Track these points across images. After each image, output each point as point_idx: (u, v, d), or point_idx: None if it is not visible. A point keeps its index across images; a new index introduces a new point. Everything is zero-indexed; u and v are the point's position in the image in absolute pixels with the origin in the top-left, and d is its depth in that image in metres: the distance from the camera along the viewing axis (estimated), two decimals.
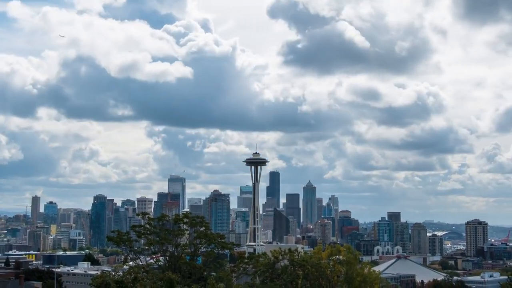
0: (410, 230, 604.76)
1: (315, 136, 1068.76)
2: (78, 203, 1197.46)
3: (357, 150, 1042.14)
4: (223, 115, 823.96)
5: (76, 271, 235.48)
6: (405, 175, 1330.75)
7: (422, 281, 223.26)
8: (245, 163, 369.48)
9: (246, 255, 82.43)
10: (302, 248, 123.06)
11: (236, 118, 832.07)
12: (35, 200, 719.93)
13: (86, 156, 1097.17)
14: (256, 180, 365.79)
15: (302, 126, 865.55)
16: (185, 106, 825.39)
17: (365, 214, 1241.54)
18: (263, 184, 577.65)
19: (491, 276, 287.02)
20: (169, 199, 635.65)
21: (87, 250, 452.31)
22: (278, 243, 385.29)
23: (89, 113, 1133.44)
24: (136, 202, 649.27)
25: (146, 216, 76.66)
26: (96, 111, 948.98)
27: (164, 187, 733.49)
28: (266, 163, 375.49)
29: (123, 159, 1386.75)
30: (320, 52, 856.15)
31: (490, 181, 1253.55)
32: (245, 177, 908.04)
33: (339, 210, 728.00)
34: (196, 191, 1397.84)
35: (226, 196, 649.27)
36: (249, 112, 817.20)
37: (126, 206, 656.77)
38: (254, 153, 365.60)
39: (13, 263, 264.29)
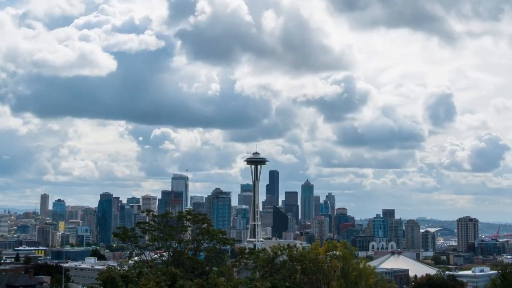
0: (404, 227, 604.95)
1: None
2: None
3: None
4: None
5: (83, 266, 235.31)
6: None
7: (416, 275, 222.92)
8: (245, 162, 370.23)
9: (247, 250, 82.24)
10: (300, 244, 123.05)
11: None
12: (44, 198, 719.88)
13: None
14: (256, 179, 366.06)
15: None
16: None
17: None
18: (263, 183, 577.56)
19: (481, 270, 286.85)
20: (173, 197, 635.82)
21: (94, 246, 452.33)
22: (277, 239, 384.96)
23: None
24: (141, 200, 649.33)
25: (151, 213, 76.74)
26: None
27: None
28: (266, 162, 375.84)
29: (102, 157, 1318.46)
30: None
31: None
32: (246, 176, 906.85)
33: (336, 207, 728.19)
34: (199, 189, 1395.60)
35: (227, 194, 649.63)
36: None
37: (131, 204, 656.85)
38: (254, 153, 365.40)
39: (23, 258, 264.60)
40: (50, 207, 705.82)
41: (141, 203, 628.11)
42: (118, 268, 39.65)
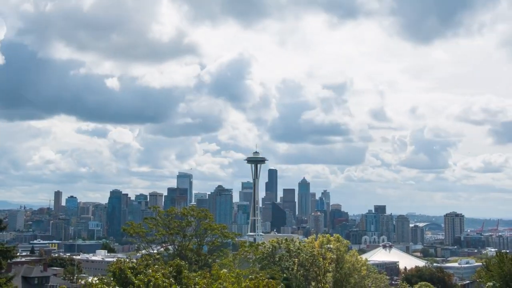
0: (394, 222, 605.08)
1: None
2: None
3: None
4: None
5: (94, 258, 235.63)
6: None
7: (405, 267, 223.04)
8: (246, 161, 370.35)
9: (247, 244, 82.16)
10: (297, 237, 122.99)
11: None
12: (58, 195, 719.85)
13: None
14: (256, 177, 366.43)
15: None
16: None
17: None
18: (263, 180, 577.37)
19: (467, 262, 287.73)
20: (178, 193, 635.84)
21: (104, 240, 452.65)
22: (276, 233, 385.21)
23: None
24: (148, 196, 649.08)
25: (157, 209, 76.87)
26: None
27: None
28: (265, 161, 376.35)
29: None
30: None
31: None
32: (247, 174, 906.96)
33: (331, 203, 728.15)
34: (202, 186, 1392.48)
35: (229, 191, 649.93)
36: None
37: (139, 200, 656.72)
38: (254, 152, 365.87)
39: (38, 251, 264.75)
40: (63, 203, 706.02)
41: (148, 200, 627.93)
42: (127, 261, 39.73)
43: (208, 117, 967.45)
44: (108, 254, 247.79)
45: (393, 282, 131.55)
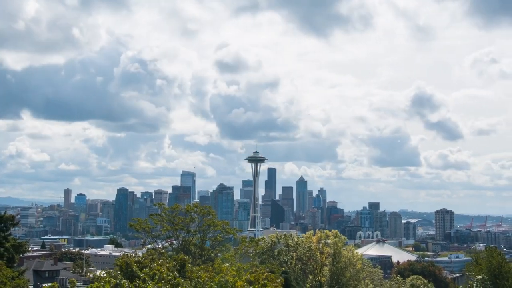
0: (387, 218, 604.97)
1: None
2: None
3: None
4: None
5: (102, 252, 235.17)
6: None
7: (398, 261, 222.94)
8: (246, 161, 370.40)
9: (248, 239, 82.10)
10: (296, 233, 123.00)
11: None
12: (67, 192, 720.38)
13: None
14: (256, 175, 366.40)
15: None
16: None
17: None
18: (262, 178, 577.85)
19: (457, 257, 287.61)
20: (182, 191, 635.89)
21: (111, 235, 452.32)
22: (275, 229, 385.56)
23: None
24: (153, 194, 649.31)
25: (162, 206, 76.68)
26: None
27: None
28: (265, 161, 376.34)
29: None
30: None
31: None
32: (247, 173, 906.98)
33: (327, 200, 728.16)
34: (206, 183, 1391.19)
35: (230, 188, 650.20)
36: None
37: (145, 198, 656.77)
38: (254, 152, 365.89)
39: (48, 246, 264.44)
40: (73, 200, 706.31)
41: (153, 197, 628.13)
42: (133, 255, 39.66)
43: None
44: (115, 249, 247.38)
45: (387, 276, 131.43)
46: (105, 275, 30.18)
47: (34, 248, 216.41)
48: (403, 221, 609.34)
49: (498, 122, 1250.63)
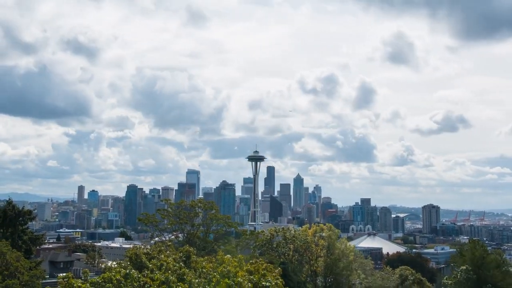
0: (378, 213, 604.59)
1: None
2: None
3: None
4: None
5: (113, 245, 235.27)
6: None
7: (388, 253, 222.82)
8: (247, 159, 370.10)
9: (248, 232, 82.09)
10: (293, 227, 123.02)
11: None
12: (81, 189, 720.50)
13: None
14: (256, 173, 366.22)
15: None
16: None
17: None
18: (262, 176, 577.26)
19: (442, 249, 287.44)
20: (187, 188, 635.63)
21: (122, 229, 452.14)
22: (274, 223, 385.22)
23: None
24: (161, 190, 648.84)
25: (168, 201, 76.77)
26: None
27: None
28: (264, 159, 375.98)
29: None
30: None
31: None
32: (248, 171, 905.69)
33: (322, 196, 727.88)
34: (209, 181, 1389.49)
35: (232, 185, 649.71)
36: None
37: (153, 194, 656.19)
38: (254, 151, 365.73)
39: (63, 239, 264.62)
40: (86, 196, 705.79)
41: (161, 193, 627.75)
42: (142, 247, 39.69)
43: None
44: (126, 241, 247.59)
45: (377, 266, 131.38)
46: (116, 265, 30.19)
47: (50, 241, 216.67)
48: (393, 216, 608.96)
49: None
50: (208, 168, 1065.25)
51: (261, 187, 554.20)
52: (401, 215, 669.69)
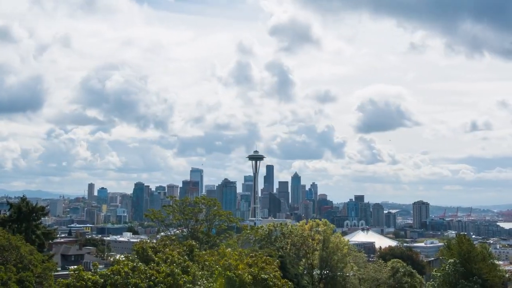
0: (371, 209, 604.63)
1: None
2: None
3: None
4: None
5: (121, 239, 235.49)
6: None
7: (380, 246, 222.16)
8: (248, 159, 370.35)
9: (248, 227, 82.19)
10: (290, 222, 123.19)
11: None
12: (91, 186, 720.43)
13: None
14: (255, 171, 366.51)
15: None
16: None
17: None
18: (261, 174, 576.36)
19: (431, 243, 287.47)
20: (191, 185, 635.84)
21: (129, 224, 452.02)
22: (272, 218, 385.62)
23: None
24: (166, 188, 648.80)
25: (173, 198, 76.76)
26: None
27: None
28: (263, 158, 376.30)
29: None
30: None
31: None
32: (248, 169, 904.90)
33: (318, 193, 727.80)
34: (212, 179, 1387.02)
35: (234, 183, 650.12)
36: None
37: (159, 191, 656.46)
38: (254, 151, 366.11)
39: (74, 234, 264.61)
40: (96, 193, 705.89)
41: (166, 190, 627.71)
42: (149, 241, 39.79)
43: None
44: (133, 236, 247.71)
45: (370, 259, 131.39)
46: (124, 259, 30.31)
47: (62, 235, 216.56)
48: (385, 212, 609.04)
49: None
50: (210, 167, 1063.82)
51: (260, 185, 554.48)
52: (393, 211, 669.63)
